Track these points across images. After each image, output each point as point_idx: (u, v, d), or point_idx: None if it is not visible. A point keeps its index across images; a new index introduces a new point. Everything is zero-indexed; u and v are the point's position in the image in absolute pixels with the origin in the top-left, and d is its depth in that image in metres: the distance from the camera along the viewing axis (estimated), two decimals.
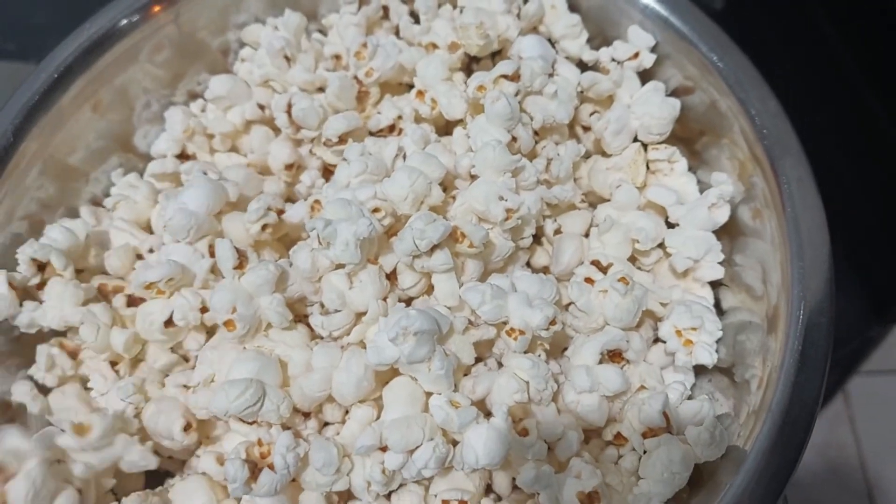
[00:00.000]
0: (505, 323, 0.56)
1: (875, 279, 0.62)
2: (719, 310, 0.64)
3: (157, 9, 0.70)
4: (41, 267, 0.61)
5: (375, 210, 0.59)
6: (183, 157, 0.72)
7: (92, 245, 0.66)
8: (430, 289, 0.60)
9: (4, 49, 1.01)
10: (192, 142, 0.72)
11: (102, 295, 0.63)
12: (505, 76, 0.63)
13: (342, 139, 0.67)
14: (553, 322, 0.55)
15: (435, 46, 0.68)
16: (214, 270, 0.60)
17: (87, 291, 0.62)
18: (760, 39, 0.68)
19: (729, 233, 0.64)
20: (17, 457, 0.50)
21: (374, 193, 0.59)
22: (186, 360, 0.62)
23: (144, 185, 0.68)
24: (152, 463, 0.55)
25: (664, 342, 0.61)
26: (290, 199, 0.72)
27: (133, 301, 0.61)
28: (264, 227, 0.60)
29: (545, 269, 0.66)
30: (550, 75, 0.66)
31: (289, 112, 0.68)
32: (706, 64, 0.64)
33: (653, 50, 0.68)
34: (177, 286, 0.58)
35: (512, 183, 0.59)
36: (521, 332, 0.55)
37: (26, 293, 0.61)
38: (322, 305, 0.58)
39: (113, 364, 0.61)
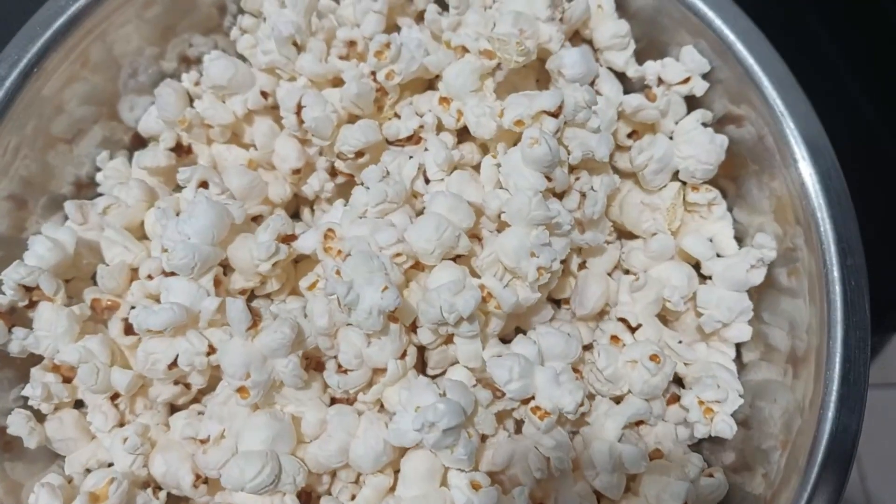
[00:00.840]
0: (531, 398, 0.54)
1: (872, 288, 0.62)
2: (740, 363, 0.63)
3: None
4: (29, 289, 0.57)
5: (397, 255, 0.55)
6: (178, 148, 0.65)
7: (82, 250, 0.61)
8: (448, 339, 0.57)
9: None
10: (188, 133, 0.65)
11: (96, 312, 0.59)
12: (547, 112, 0.57)
13: (358, 153, 0.61)
14: (582, 404, 0.53)
15: (465, 50, 0.61)
16: (221, 309, 0.55)
17: (80, 312, 0.58)
18: None
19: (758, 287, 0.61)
20: None
21: (396, 239, 0.55)
22: (188, 387, 0.58)
23: (135, 186, 0.62)
24: None
25: (685, 408, 0.59)
26: (298, 197, 0.67)
27: (131, 329, 0.57)
28: (275, 263, 0.56)
29: (565, 302, 0.63)
30: (597, 93, 0.60)
31: (298, 113, 0.61)
32: (765, 104, 0.59)
33: (705, 77, 0.62)
34: (182, 330, 0.55)
35: (545, 237, 0.55)
36: (548, 414, 0.53)
37: (16, 317, 0.57)
38: (338, 362, 0.55)
39: (113, 397, 0.58)
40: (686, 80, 0.62)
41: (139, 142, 0.70)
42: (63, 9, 0.60)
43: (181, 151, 0.66)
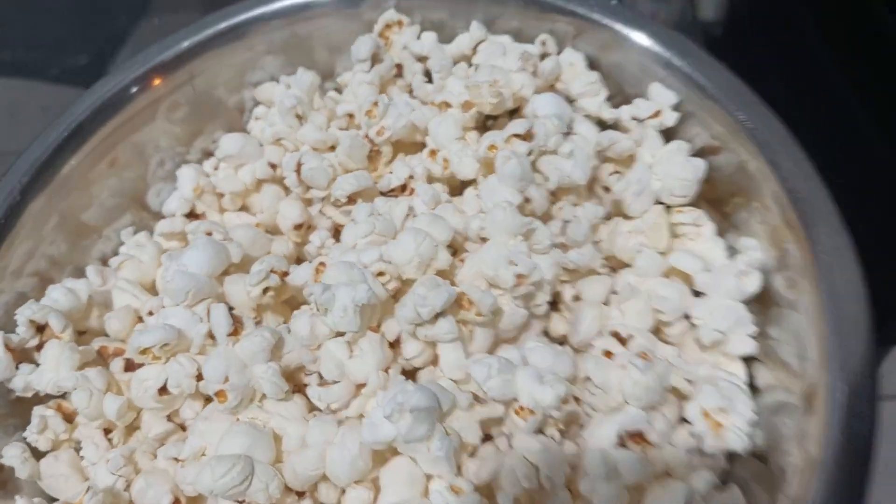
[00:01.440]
0: (515, 400, 0.52)
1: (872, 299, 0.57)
2: (753, 388, 0.59)
3: (169, 70, 0.70)
4: (40, 328, 0.60)
5: (380, 274, 0.56)
6: (192, 216, 0.71)
7: (95, 306, 0.64)
8: (436, 359, 0.56)
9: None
10: (201, 200, 0.70)
11: (102, 358, 0.61)
12: (518, 135, 0.60)
13: (351, 199, 0.64)
14: (566, 401, 0.51)
15: (448, 105, 0.66)
16: (212, 335, 0.57)
17: (86, 355, 0.60)
18: (758, 65, 0.65)
19: (763, 303, 0.59)
20: None
21: (378, 256, 0.57)
22: (183, 428, 0.59)
23: (151, 245, 0.67)
24: None
25: (688, 421, 0.56)
26: (300, 259, 0.70)
27: (131, 366, 0.58)
28: (266, 290, 0.58)
29: (564, 339, 0.62)
30: (567, 134, 0.63)
31: (298, 171, 0.66)
32: (733, 123, 0.61)
33: (676, 108, 0.65)
34: (173, 352, 0.56)
35: (524, 247, 0.56)
36: (531, 412, 0.51)
37: (24, 355, 0.60)
38: (320, 376, 0.55)
39: (107, 431, 0.59)
40: (657, 114, 0.64)
41: None
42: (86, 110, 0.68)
43: (195, 218, 0.70)
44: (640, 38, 0.66)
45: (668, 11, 0.98)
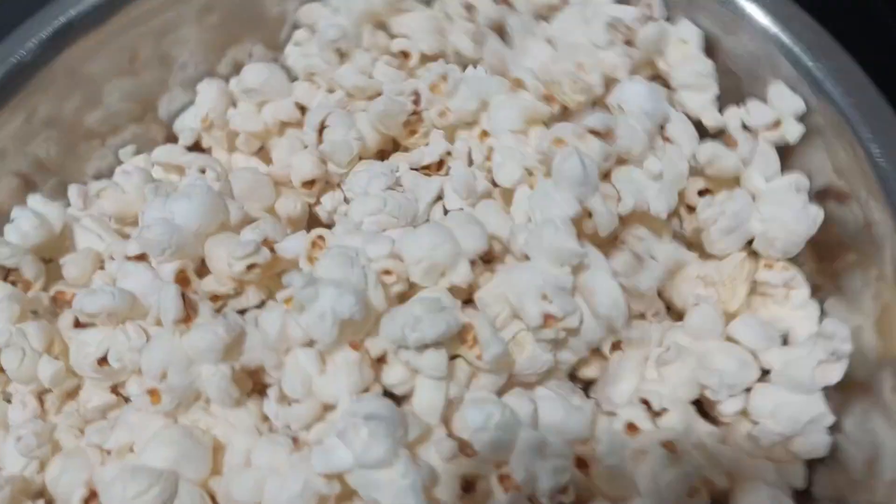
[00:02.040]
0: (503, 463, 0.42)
1: None
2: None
3: None
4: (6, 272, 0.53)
5: (386, 272, 0.46)
6: (196, 148, 0.61)
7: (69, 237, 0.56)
8: None
9: None
10: (209, 133, 0.60)
11: (58, 306, 0.54)
12: (595, 132, 0.47)
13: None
14: (565, 489, 0.40)
15: (521, 85, 0.53)
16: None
17: (36, 301, 0.52)
18: None
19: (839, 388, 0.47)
20: None
21: (388, 252, 0.46)
22: (126, 400, 0.50)
23: (136, 173, 0.57)
24: None
25: None
26: (312, 222, 0.60)
27: (80, 323, 0.50)
28: (251, 266, 0.48)
29: (591, 383, 0.51)
30: (665, 140, 0.50)
31: (320, 132, 0.55)
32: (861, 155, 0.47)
33: (801, 119, 0.51)
34: (122, 319, 0.47)
35: (568, 280, 0.44)
36: (517, 489, 0.41)
37: None
38: (280, 388, 0.45)
39: (41, 394, 0.51)
40: (776, 125, 0.50)
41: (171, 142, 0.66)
42: None
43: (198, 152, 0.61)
44: (765, 20, 0.51)
45: None
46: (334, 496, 0.41)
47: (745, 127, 0.53)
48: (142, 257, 0.51)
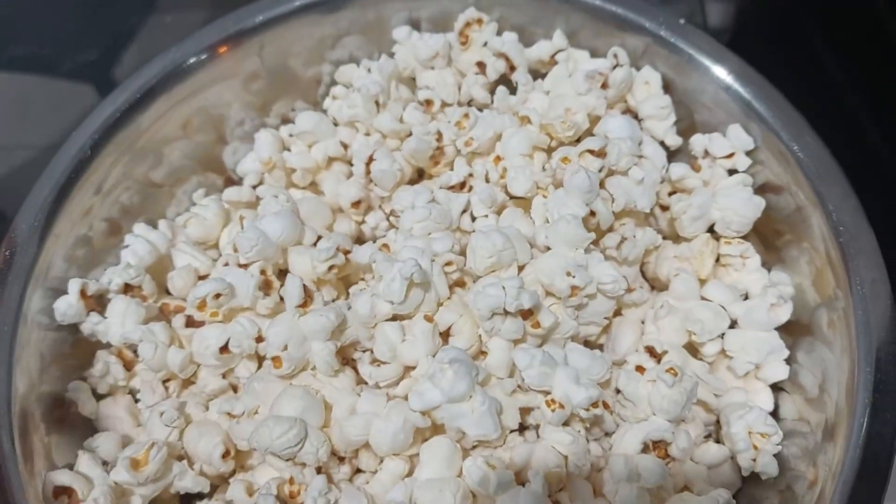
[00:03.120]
0: (547, 392, 0.55)
1: None
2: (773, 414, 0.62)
3: (235, 41, 0.72)
4: (127, 287, 0.64)
5: (448, 264, 0.59)
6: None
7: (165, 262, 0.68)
8: (477, 356, 0.59)
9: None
10: (270, 175, 0.73)
11: (164, 315, 0.65)
12: (591, 151, 0.63)
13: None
14: (595, 404, 0.54)
15: (528, 121, 0.69)
16: (262, 287, 0.60)
17: (150, 311, 0.63)
18: (764, 73, 0.66)
19: (791, 332, 0.63)
20: (86, 483, 0.53)
21: (450, 246, 0.60)
22: (235, 389, 0.62)
23: (214, 204, 0.69)
24: (206, 487, 0.57)
25: (716, 441, 0.59)
26: (359, 239, 0.73)
27: (192, 322, 0.62)
28: (331, 267, 0.61)
29: (600, 347, 0.65)
30: (640, 157, 0.66)
31: (368, 164, 0.69)
32: (788, 156, 0.63)
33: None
34: (229, 308, 0.59)
35: (583, 259, 0.59)
36: (561, 406, 0.54)
37: (97, 303, 0.63)
38: (372, 354, 0.58)
39: (165, 381, 0.62)
40: (730, 156, 0.67)
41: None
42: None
43: None
44: (720, 71, 0.68)
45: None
46: (425, 430, 0.54)
47: (706, 153, 0.69)
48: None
